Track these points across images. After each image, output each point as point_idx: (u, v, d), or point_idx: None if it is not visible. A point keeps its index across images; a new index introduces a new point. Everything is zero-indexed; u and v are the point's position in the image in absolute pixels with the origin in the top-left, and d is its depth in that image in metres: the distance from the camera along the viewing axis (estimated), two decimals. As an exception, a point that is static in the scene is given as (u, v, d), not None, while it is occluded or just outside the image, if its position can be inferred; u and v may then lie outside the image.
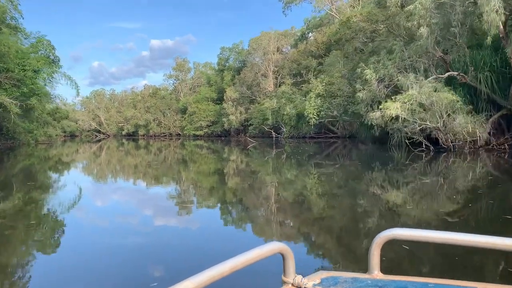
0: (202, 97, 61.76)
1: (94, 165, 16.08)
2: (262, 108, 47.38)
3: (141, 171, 13.33)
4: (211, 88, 63.54)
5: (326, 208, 6.35)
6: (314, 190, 8.19)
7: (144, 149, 30.24)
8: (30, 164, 16.69)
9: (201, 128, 59.73)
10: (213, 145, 34.73)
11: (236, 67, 61.33)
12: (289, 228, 5.07)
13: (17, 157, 20.90)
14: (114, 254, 3.84)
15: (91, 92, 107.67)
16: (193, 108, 60.35)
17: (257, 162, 16.38)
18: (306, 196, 7.43)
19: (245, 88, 53.52)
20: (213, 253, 3.71)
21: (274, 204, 6.50)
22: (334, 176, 10.73)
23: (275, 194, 7.52)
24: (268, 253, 0.97)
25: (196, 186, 9.23)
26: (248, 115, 51.52)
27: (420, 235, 1.03)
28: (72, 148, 34.02)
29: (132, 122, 78.82)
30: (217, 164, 15.57)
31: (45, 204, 6.95)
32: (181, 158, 20.10)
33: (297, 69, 38.77)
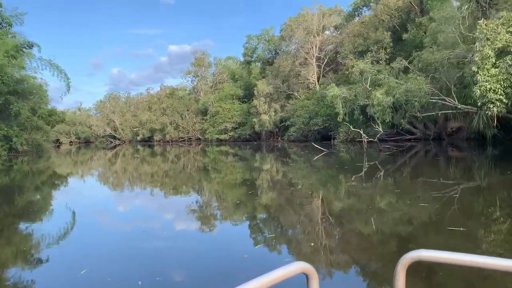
0: (226, 94, 51.44)
1: (109, 174, 14.79)
2: (305, 104, 36.72)
3: (158, 181, 11.63)
4: (236, 84, 53.19)
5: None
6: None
7: (160, 156, 26.86)
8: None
9: (226, 131, 49.35)
10: (241, 151, 28.43)
11: (266, 57, 50.92)
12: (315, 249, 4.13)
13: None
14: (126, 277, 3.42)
15: (105, 96, 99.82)
16: (215, 108, 50.08)
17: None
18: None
19: (280, 80, 43.03)
20: (234, 271, 3.52)
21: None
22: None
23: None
24: (292, 273, 0.95)
25: (219, 198, 7.97)
26: (285, 114, 40.96)
27: (448, 258, 0.99)
28: (74, 159, 24.90)
29: (147, 126, 69.46)
30: (245, 174, 12.72)
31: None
32: (202, 166, 17.25)
33: (364, 45, 28.05)
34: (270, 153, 24.00)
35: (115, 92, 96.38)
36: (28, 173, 14.94)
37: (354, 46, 28.75)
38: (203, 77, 59.19)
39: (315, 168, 13.43)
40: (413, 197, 6.92)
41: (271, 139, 46.31)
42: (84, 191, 9.75)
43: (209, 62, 58.19)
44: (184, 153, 28.64)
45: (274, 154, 23.17)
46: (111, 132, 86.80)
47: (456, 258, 0.98)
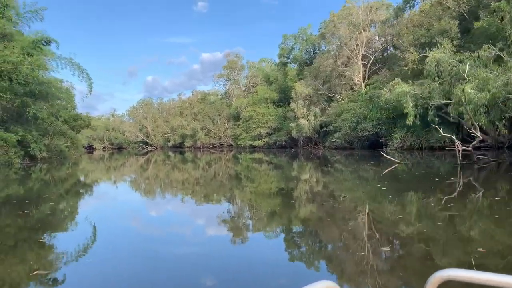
0: (260, 98, 47.80)
1: (141, 180, 14.35)
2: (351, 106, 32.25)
3: (188, 188, 11.27)
4: (271, 87, 49.49)
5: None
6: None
7: (191, 162, 25.73)
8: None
9: (260, 137, 45.55)
10: (276, 158, 26.14)
11: (304, 58, 46.88)
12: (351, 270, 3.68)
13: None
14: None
15: (137, 102, 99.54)
16: (248, 112, 46.50)
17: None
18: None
19: (321, 82, 38.84)
20: (260, 284, 3.35)
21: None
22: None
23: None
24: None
25: (251, 208, 7.47)
26: (326, 118, 36.64)
27: (480, 278, 0.94)
28: (102, 166, 23.89)
29: (178, 132, 67.28)
30: (280, 183, 11.68)
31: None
32: (234, 174, 15.71)
33: (427, 36, 23.36)
34: (309, 161, 21.72)
35: (148, 98, 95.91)
36: (47, 182, 13.21)
37: (415, 37, 24.17)
38: (235, 81, 55.97)
39: (371, 180, 10.98)
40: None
41: (308, 146, 42.06)
42: (112, 200, 9.27)
43: (242, 65, 55.00)
44: (215, 160, 26.99)
45: (313, 162, 20.96)
46: (143, 138, 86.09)
47: (488, 278, 0.93)
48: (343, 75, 37.49)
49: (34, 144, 24.17)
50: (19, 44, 21.15)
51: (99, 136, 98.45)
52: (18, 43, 21.22)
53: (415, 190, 8.45)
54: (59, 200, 8.62)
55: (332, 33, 38.09)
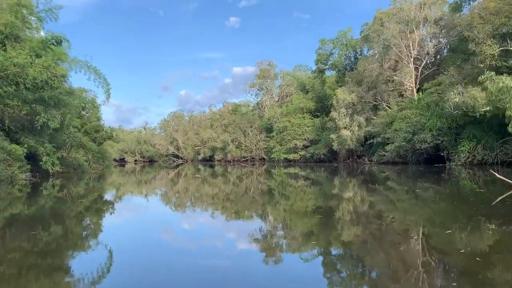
0: (295, 107, 43.82)
1: (171, 194, 14.36)
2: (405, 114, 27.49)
3: (218, 203, 11.03)
4: (307, 95, 45.49)
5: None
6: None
7: (221, 177, 24.78)
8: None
9: (296, 149, 41.33)
10: (314, 174, 23.99)
11: (344, 64, 42.64)
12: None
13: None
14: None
15: (169, 114, 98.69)
16: (282, 123, 42.55)
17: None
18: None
19: (365, 88, 34.38)
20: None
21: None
22: None
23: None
24: None
25: (285, 227, 7.03)
26: (373, 128, 32.03)
27: None
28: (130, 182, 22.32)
29: (208, 145, 64.47)
30: (318, 201, 10.83)
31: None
32: (267, 190, 14.84)
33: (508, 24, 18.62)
34: (353, 178, 19.58)
35: (179, 111, 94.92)
36: (57, 199, 11.86)
37: (494, 27, 19.47)
38: (268, 90, 52.44)
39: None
40: None
41: (351, 159, 37.43)
42: (139, 216, 8.78)
43: (275, 74, 51.48)
44: (247, 174, 25.43)
45: (358, 178, 18.83)
46: (173, 151, 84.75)
47: None
48: (391, 80, 32.92)
49: (46, 157, 21.47)
50: (28, 45, 18.63)
51: (131, 149, 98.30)
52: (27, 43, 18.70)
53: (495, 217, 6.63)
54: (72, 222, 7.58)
55: (378, 33, 33.75)
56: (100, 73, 22.43)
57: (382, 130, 31.02)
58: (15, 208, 9.68)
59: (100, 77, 21.86)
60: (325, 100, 43.19)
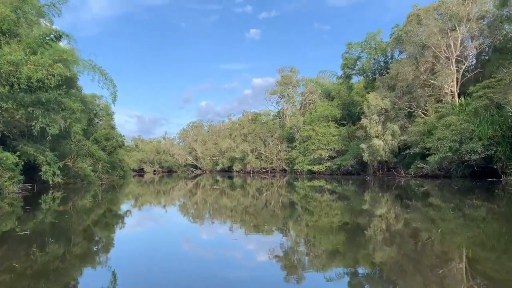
0: (319, 115, 40.72)
1: (190, 205, 13.92)
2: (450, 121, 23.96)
3: (237, 216, 10.51)
4: (332, 103, 42.36)
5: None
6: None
7: (240, 188, 23.25)
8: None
9: (321, 160, 38.06)
10: (341, 187, 21.98)
11: (373, 68, 39.39)
12: None
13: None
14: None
15: (188, 124, 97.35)
16: (306, 132, 39.45)
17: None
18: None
19: (400, 93, 31.01)
20: None
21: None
22: None
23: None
24: None
25: (308, 243, 6.60)
26: (409, 137, 28.51)
27: None
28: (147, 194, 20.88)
29: (227, 155, 62.03)
30: (344, 217, 9.80)
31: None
32: (288, 204, 13.93)
33: None
34: (385, 192, 17.72)
35: (198, 121, 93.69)
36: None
37: None
38: (289, 98, 49.54)
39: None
40: None
41: (381, 172, 33.89)
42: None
43: (297, 80, 48.62)
44: (267, 187, 24.00)
45: (391, 193, 17.01)
46: (192, 161, 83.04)
47: None
48: (428, 84, 29.45)
49: (46, 167, 19.28)
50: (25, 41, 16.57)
51: (149, 159, 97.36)
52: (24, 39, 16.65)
53: None
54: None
55: (411, 34, 30.53)
56: (105, 73, 20.28)
57: (419, 139, 27.56)
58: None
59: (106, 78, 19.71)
60: (352, 107, 39.99)
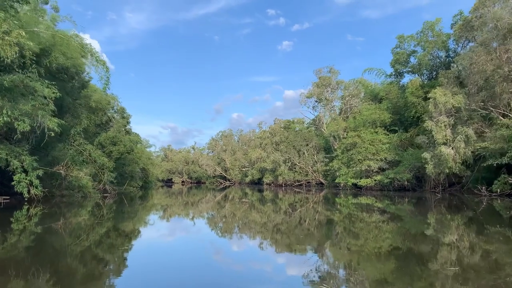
0: (365, 120, 34.54)
1: (218, 219, 13.47)
2: None
3: (267, 234, 9.53)
4: (381, 105, 36.04)
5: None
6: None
7: (271, 203, 21.10)
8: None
9: (369, 173, 31.70)
10: (395, 206, 17.54)
11: (430, 64, 32.84)
12: None
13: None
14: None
15: (217, 133, 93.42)
16: (351, 138, 33.33)
17: None
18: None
19: (474, 90, 24.41)
20: None
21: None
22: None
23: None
24: None
25: (350, 269, 5.61)
26: (491, 145, 21.85)
27: None
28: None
29: (257, 166, 56.69)
30: (396, 241, 8.28)
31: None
32: (327, 223, 12.08)
33: None
34: (457, 214, 14.17)
35: (228, 130, 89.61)
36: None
37: None
38: (328, 101, 43.50)
39: None
40: None
41: (443, 188, 27.07)
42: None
43: (337, 82, 42.59)
44: (301, 202, 21.73)
45: (465, 215, 13.51)
46: (221, 172, 78.77)
47: None
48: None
49: (20, 175, 14.69)
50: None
51: (178, 169, 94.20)
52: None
53: None
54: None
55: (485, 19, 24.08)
56: (96, 55, 15.82)
57: (507, 147, 20.90)
58: None
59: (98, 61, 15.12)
60: (405, 110, 33.51)
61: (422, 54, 32.41)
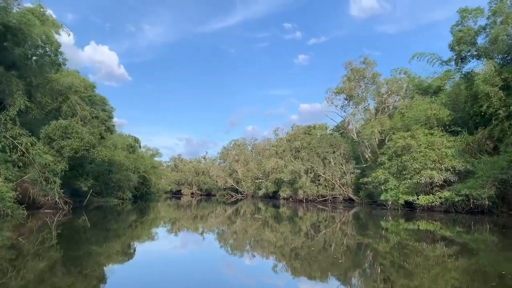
0: (418, 118, 25.81)
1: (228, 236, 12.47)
2: None
3: (285, 258, 8.18)
4: (438, 99, 27.28)
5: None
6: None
7: (288, 221, 18.11)
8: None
9: (428, 187, 22.69)
10: (468, 234, 13.25)
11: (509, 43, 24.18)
12: None
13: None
14: None
15: (229, 142, 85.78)
16: (402, 140, 24.53)
17: None
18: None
19: None
20: None
21: None
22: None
23: None
24: None
25: None
26: None
27: None
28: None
29: (272, 177, 48.37)
30: (466, 283, 6.13)
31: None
32: (366, 252, 9.37)
33: None
34: None
35: (241, 139, 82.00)
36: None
37: None
38: (361, 99, 34.91)
39: None
40: None
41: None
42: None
43: (374, 74, 34.09)
44: (327, 222, 17.49)
45: None
46: (232, 184, 70.97)
47: None
48: None
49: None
50: None
51: (188, 180, 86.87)
52: None
53: None
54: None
55: None
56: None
57: None
58: None
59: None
60: (471, 105, 24.79)
61: (499, 29, 23.74)
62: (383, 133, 30.71)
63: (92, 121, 23.38)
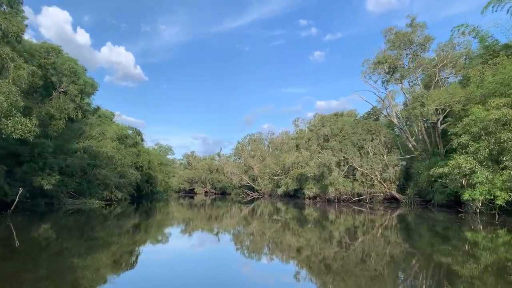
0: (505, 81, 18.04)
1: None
2: None
3: (309, 269, 6.90)
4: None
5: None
6: None
7: (315, 225, 14.81)
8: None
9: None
10: None
11: None
12: None
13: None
14: None
15: (244, 137, 78.78)
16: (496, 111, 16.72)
17: None
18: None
19: None
20: None
21: None
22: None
23: None
24: None
25: None
26: None
27: None
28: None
29: (293, 173, 41.12)
30: None
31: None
32: (419, 267, 7.25)
33: None
34: None
35: (257, 133, 75.22)
36: None
37: None
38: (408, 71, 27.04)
39: None
40: None
41: None
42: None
43: (426, 38, 26.14)
44: (365, 227, 13.91)
45: None
46: (248, 181, 64.29)
47: None
48: None
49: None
50: None
51: (201, 178, 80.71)
52: None
53: None
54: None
55: None
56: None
57: None
58: None
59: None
60: None
61: None
62: (445, 109, 22.84)
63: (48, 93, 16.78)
